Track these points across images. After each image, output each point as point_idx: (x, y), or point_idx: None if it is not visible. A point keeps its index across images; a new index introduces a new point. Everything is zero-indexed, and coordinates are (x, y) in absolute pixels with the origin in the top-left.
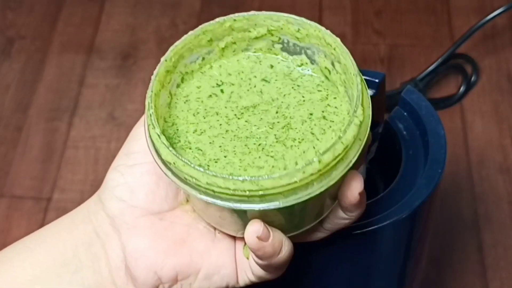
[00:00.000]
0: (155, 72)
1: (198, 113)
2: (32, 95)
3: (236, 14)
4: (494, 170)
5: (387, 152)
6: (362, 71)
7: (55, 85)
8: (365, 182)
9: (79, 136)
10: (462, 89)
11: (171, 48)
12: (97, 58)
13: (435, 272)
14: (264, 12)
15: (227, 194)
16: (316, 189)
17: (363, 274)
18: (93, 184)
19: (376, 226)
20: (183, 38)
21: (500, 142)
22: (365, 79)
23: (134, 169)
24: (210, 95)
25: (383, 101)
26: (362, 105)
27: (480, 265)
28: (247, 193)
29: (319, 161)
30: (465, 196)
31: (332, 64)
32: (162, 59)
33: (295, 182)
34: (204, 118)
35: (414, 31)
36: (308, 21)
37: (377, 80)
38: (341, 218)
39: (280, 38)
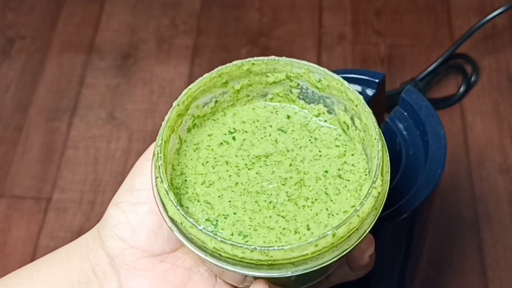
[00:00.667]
0: (166, 117)
1: (207, 162)
2: (32, 95)
3: (255, 58)
4: (494, 170)
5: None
6: (362, 71)
7: (55, 85)
8: None
9: (79, 136)
10: (462, 89)
11: (185, 91)
12: (97, 58)
13: (435, 272)
14: (284, 58)
15: (234, 259)
16: (327, 260)
17: None
18: (93, 184)
19: (376, 226)
20: (198, 80)
21: (500, 142)
22: (365, 79)
23: (137, 207)
24: (221, 143)
25: (383, 101)
26: (381, 174)
27: (480, 265)
28: (256, 262)
29: (333, 235)
30: (465, 196)
31: (352, 119)
32: (175, 103)
33: (307, 254)
34: (213, 168)
35: (414, 31)
36: (331, 73)
37: (377, 80)
38: (348, 275)
39: (298, 84)
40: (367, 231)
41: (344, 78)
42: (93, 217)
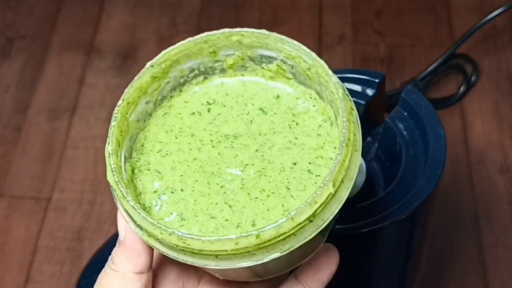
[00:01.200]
0: (135, 77)
1: (171, 130)
2: (32, 95)
3: (245, 29)
4: (494, 170)
5: (387, 152)
6: (362, 71)
7: (55, 85)
8: (365, 182)
9: (79, 136)
10: (462, 89)
11: (162, 52)
12: (97, 58)
13: (435, 272)
14: (275, 34)
15: (157, 239)
16: (248, 261)
17: (363, 274)
18: (93, 184)
19: (376, 226)
20: (178, 43)
21: (500, 142)
22: (365, 79)
23: None
24: (193, 113)
25: (383, 101)
26: (335, 179)
27: (480, 265)
28: (176, 247)
29: (257, 236)
30: (465, 196)
31: (335, 115)
32: (148, 64)
33: (226, 250)
34: (176, 138)
35: (414, 31)
36: (318, 58)
37: (377, 80)
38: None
39: (292, 67)
40: (306, 240)
41: (344, 78)
42: (93, 217)
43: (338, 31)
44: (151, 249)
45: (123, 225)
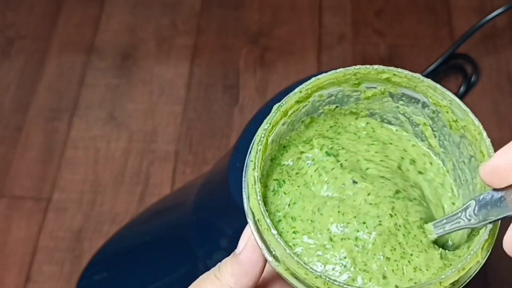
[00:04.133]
0: (282, 101)
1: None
2: (32, 95)
3: (399, 70)
4: None
5: None
6: None
7: (55, 85)
8: None
9: (79, 136)
10: (462, 89)
11: (313, 79)
12: (97, 58)
13: None
14: (429, 81)
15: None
16: None
17: None
18: (93, 184)
19: None
20: (330, 72)
21: (500, 142)
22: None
23: None
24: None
25: None
26: (485, 247)
27: None
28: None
29: None
30: None
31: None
32: (297, 89)
33: None
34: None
35: (414, 31)
36: (472, 115)
37: None
38: None
39: (434, 112)
40: None
41: None
42: (93, 217)
43: (338, 31)
44: (259, 274)
45: (245, 240)
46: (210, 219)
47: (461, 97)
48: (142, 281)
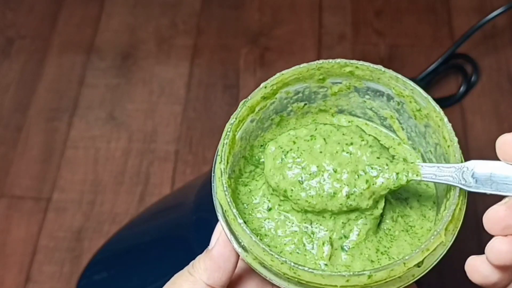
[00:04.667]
0: (249, 97)
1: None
2: (32, 95)
3: (361, 62)
4: None
5: None
6: None
7: (55, 85)
8: None
9: (79, 136)
10: (462, 89)
11: (277, 75)
12: (97, 58)
13: (435, 272)
14: (391, 71)
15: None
16: None
17: None
18: (93, 184)
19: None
20: (293, 68)
21: None
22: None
23: None
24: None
25: None
26: (450, 228)
27: None
28: (283, 274)
29: (369, 276)
30: None
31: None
32: (262, 84)
33: (335, 286)
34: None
35: (414, 31)
36: (434, 102)
37: None
38: None
39: (399, 103)
40: (409, 283)
41: None
42: (93, 217)
43: (338, 31)
44: (232, 269)
45: (217, 236)
46: (210, 219)
47: (461, 97)
48: (142, 281)
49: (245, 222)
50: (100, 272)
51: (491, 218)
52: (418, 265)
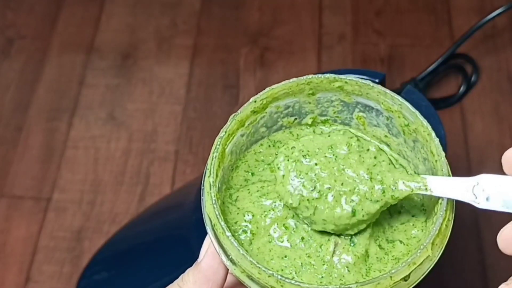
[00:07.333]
0: (238, 111)
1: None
2: (32, 95)
3: (349, 77)
4: (494, 170)
5: None
6: (362, 71)
7: (55, 85)
8: None
9: (79, 136)
10: (462, 89)
11: (267, 89)
12: (97, 58)
13: (435, 272)
14: (379, 86)
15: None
16: None
17: None
18: (93, 184)
19: None
20: (283, 82)
21: (500, 142)
22: (365, 79)
23: None
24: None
25: None
26: (437, 242)
27: (480, 265)
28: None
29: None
30: None
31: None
32: (252, 99)
33: None
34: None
35: (414, 31)
36: (422, 117)
37: (377, 80)
38: None
39: (388, 118)
40: None
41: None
42: (93, 217)
43: (338, 31)
44: (221, 281)
45: (205, 249)
46: None
47: (461, 97)
48: (142, 281)
49: (233, 235)
50: (100, 272)
51: (505, 238)
52: (405, 278)
